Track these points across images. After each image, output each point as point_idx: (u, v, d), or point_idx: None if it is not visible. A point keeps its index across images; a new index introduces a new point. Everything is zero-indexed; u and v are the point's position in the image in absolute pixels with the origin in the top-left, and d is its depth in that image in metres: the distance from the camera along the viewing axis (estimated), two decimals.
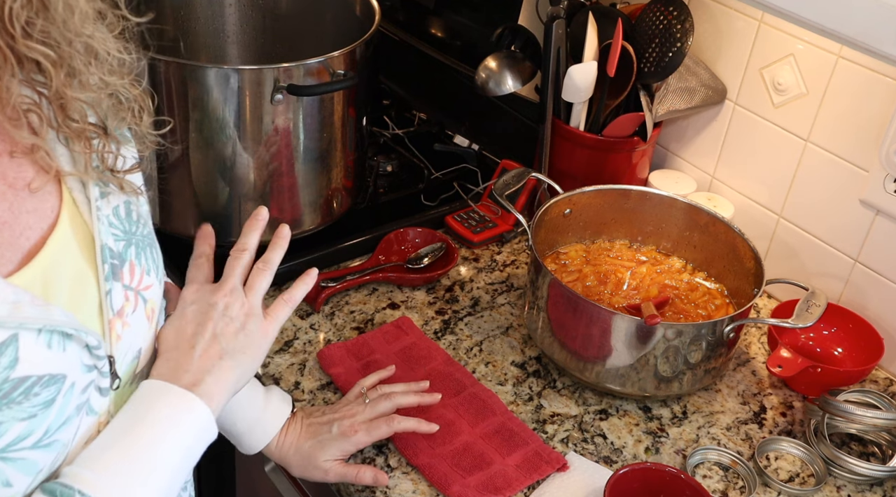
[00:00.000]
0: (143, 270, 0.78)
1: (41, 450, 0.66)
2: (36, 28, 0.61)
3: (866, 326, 1.26)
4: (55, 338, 0.66)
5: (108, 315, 0.72)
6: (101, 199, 0.74)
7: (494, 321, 1.31)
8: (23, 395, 0.64)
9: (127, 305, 0.75)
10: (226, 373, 0.80)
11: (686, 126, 1.48)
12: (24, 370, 0.64)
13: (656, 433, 1.16)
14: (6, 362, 0.62)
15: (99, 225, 0.73)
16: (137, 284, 0.76)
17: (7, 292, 0.63)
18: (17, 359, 0.63)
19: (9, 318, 0.62)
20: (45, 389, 0.65)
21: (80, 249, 0.72)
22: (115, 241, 0.74)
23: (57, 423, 0.67)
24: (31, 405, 0.64)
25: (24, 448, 0.65)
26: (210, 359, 0.79)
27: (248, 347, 0.83)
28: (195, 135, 1.23)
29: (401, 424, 1.05)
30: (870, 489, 1.11)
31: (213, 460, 1.44)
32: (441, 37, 1.75)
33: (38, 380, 0.65)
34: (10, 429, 0.63)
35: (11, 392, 0.63)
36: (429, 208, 1.52)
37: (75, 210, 0.72)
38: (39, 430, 0.65)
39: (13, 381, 0.63)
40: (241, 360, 0.82)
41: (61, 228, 0.70)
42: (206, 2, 1.49)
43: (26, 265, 0.67)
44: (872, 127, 1.22)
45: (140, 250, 0.78)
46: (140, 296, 0.77)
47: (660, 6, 1.33)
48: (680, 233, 1.34)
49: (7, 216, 0.67)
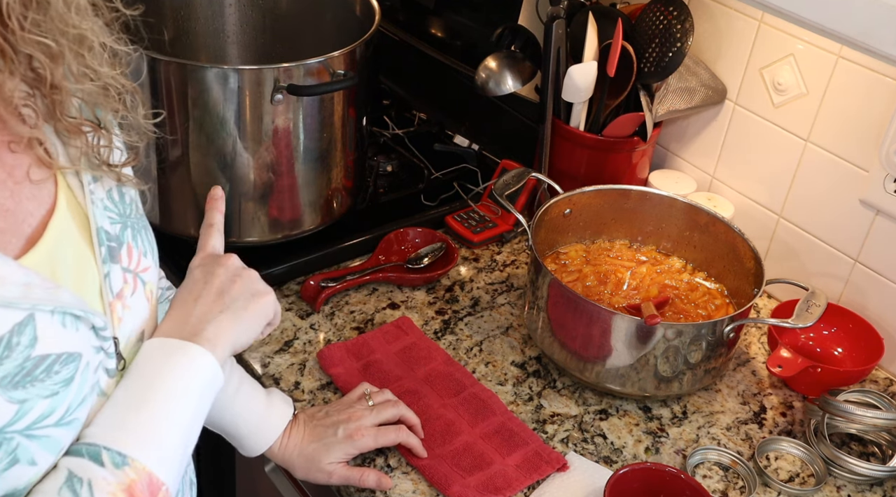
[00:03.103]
0: (141, 252, 0.79)
1: (63, 427, 0.68)
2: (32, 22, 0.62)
3: (866, 326, 1.26)
4: (68, 318, 0.68)
5: (108, 297, 0.74)
6: (94, 183, 0.75)
7: (494, 321, 1.31)
8: (44, 373, 0.65)
9: (126, 288, 0.76)
10: (225, 324, 0.80)
11: (686, 126, 1.48)
12: (43, 348, 0.65)
13: (656, 433, 1.16)
14: (26, 341, 0.64)
15: (94, 208, 0.74)
16: (136, 266, 0.78)
17: (19, 274, 0.65)
18: (37, 337, 0.65)
19: (23, 299, 0.64)
20: (65, 367, 0.67)
21: (79, 233, 0.73)
22: (111, 223, 0.76)
23: (77, 401, 0.69)
24: (53, 383, 0.66)
25: (48, 425, 0.66)
26: (210, 311, 0.80)
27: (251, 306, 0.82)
28: (195, 135, 1.23)
29: (407, 438, 1.06)
30: (870, 489, 1.11)
31: (213, 460, 1.44)
32: (441, 37, 1.75)
33: (57, 358, 0.66)
34: (34, 407, 0.65)
35: (34, 370, 0.64)
36: (429, 208, 1.52)
37: (70, 195, 0.74)
38: (61, 407, 0.67)
39: (35, 359, 0.65)
40: (243, 316, 0.81)
41: (60, 213, 0.72)
42: (206, 2, 1.49)
43: (31, 249, 0.68)
44: (872, 127, 1.22)
45: (136, 232, 0.79)
46: (139, 278, 0.78)
47: (660, 6, 1.33)
48: (680, 233, 1.34)
49: (9, 203, 0.68)
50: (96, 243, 0.74)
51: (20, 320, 0.63)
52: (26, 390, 0.64)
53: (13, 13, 0.60)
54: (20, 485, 0.66)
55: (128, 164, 0.79)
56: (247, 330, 0.82)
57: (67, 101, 0.69)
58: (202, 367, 0.77)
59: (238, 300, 0.82)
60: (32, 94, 0.67)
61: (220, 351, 0.79)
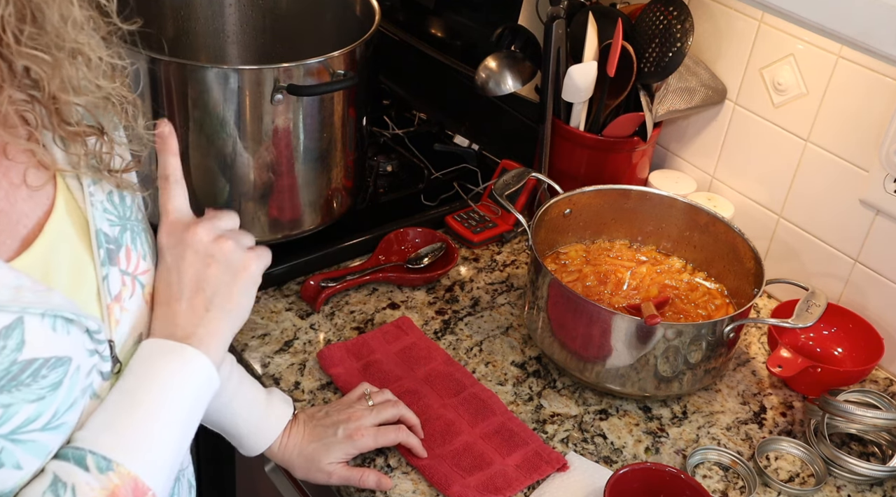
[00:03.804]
0: (140, 255, 0.78)
1: (50, 432, 0.67)
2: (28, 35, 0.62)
3: (866, 326, 1.26)
4: (59, 321, 0.67)
5: (105, 300, 0.73)
6: (94, 185, 0.75)
7: (494, 321, 1.31)
8: (31, 378, 0.65)
9: (124, 290, 0.76)
10: (215, 323, 0.77)
11: (686, 126, 1.48)
12: (31, 352, 0.65)
13: (656, 433, 1.16)
14: (13, 345, 0.63)
15: (93, 210, 0.74)
16: (134, 269, 0.77)
17: (9, 277, 0.64)
18: (24, 341, 0.64)
19: (12, 302, 0.63)
20: (53, 372, 0.66)
21: (77, 235, 0.73)
22: (111, 225, 0.76)
23: (65, 406, 0.68)
24: (40, 387, 0.65)
25: (33, 430, 0.66)
26: (195, 312, 0.77)
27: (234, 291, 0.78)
28: (195, 135, 1.23)
29: (407, 438, 1.06)
30: (870, 489, 1.11)
31: (213, 460, 1.44)
32: (441, 37, 1.75)
33: (45, 362, 0.66)
34: (19, 411, 0.64)
35: (20, 374, 0.64)
36: (429, 208, 1.52)
37: (70, 196, 0.73)
38: (48, 412, 0.67)
39: (21, 364, 0.64)
40: (228, 308, 0.78)
41: (57, 214, 0.71)
42: (206, 2, 1.49)
43: (25, 251, 0.68)
44: (872, 127, 1.22)
45: (135, 235, 0.79)
46: (137, 280, 0.78)
47: (660, 6, 1.33)
48: (680, 233, 1.34)
49: (3, 204, 0.68)
50: (95, 245, 0.73)
51: (8, 323, 0.63)
52: (11, 395, 0.63)
53: (8, 27, 0.60)
54: (5, 488, 0.66)
55: (129, 169, 0.78)
56: (238, 315, 0.80)
57: (66, 110, 0.69)
58: (197, 369, 0.76)
59: (219, 291, 0.78)
60: (31, 102, 0.67)
61: (215, 351, 0.77)
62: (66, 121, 0.69)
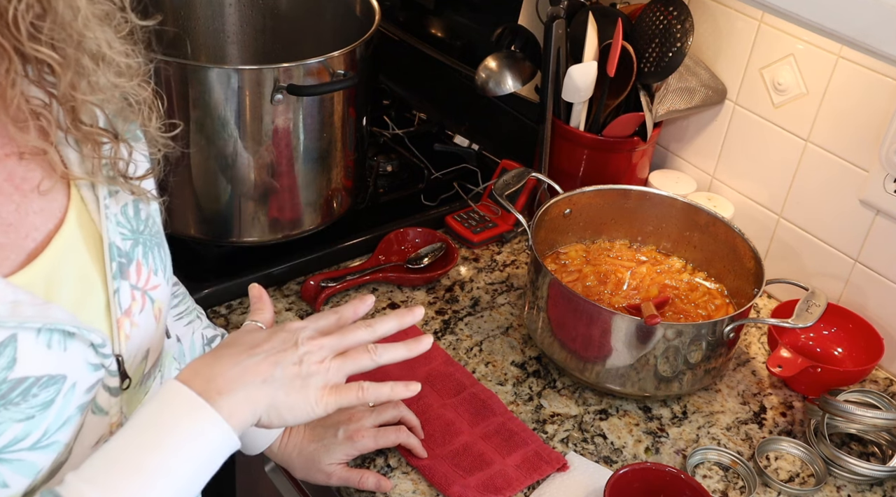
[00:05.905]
0: (151, 270, 0.77)
1: (39, 451, 0.66)
2: (42, 30, 0.61)
3: (866, 326, 1.26)
4: (55, 337, 0.66)
5: (115, 314, 0.72)
6: (109, 198, 0.74)
7: (494, 321, 1.31)
8: (21, 397, 0.63)
9: (134, 305, 0.74)
10: (258, 395, 0.73)
11: (686, 126, 1.48)
12: (22, 371, 0.63)
13: (656, 433, 1.16)
14: (4, 363, 0.62)
15: (107, 223, 0.73)
16: (145, 284, 0.76)
17: (7, 292, 0.63)
18: (15, 359, 0.63)
19: (8, 317, 0.62)
20: (44, 390, 0.65)
21: (87, 248, 0.72)
22: (123, 239, 0.74)
23: (56, 424, 0.67)
24: (30, 406, 0.64)
25: (21, 449, 0.65)
26: (251, 374, 0.73)
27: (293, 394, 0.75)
28: (195, 135, 1.23)
29: (407, 439, 1.06)
30: (870, 489, 1.11)
31: None
32: (441, 37, 1.75)
33: (36, 381, 0.64)
34: (7, 430, 0.63)
35: (9, 393, 0.63)
36: (429, 208, 1.52)
37: (83, 208, 0.72)
38: (38, 431, 0.65)
39: (11, 382, 0.63)
40: (278, 397, 0.74)
41: (67, 228, 0.70)
42: (206, 2, 1.49)
43: (28, 265, 0.66)
44: (872, 127, 1.22)
45: (147, 249, 0.77)
46: (147, 296, 0.76)
47: (660, 6, 1.33)
48: (680, 233, 1.34)
49: (13, 217, 0.67)
50: (107, 259, 0.72)
51: (0, 341, 0.62)
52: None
53: (22, 21, 0.60)
54: None
55: (146, 176, 0.77)
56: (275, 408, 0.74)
57: (81, 109, 0.68)
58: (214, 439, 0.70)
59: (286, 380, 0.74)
60: (48, 103, 0.66)
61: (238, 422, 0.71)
62: (80, 120, 0.68)
